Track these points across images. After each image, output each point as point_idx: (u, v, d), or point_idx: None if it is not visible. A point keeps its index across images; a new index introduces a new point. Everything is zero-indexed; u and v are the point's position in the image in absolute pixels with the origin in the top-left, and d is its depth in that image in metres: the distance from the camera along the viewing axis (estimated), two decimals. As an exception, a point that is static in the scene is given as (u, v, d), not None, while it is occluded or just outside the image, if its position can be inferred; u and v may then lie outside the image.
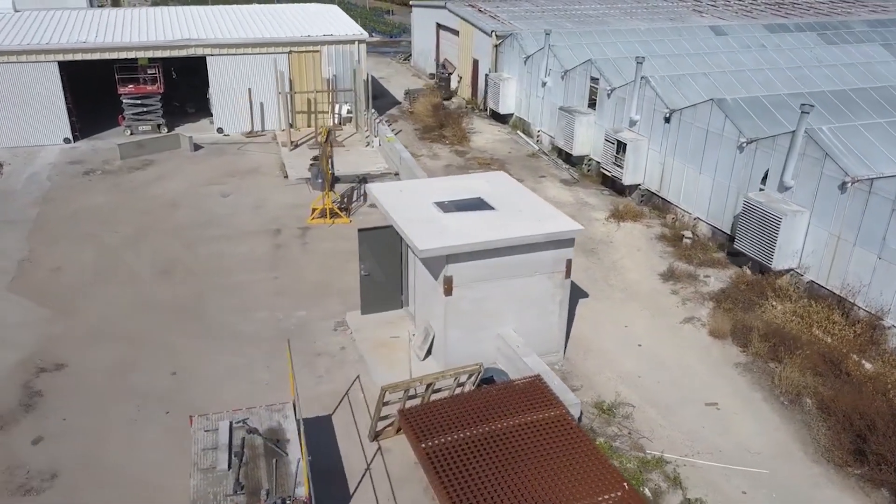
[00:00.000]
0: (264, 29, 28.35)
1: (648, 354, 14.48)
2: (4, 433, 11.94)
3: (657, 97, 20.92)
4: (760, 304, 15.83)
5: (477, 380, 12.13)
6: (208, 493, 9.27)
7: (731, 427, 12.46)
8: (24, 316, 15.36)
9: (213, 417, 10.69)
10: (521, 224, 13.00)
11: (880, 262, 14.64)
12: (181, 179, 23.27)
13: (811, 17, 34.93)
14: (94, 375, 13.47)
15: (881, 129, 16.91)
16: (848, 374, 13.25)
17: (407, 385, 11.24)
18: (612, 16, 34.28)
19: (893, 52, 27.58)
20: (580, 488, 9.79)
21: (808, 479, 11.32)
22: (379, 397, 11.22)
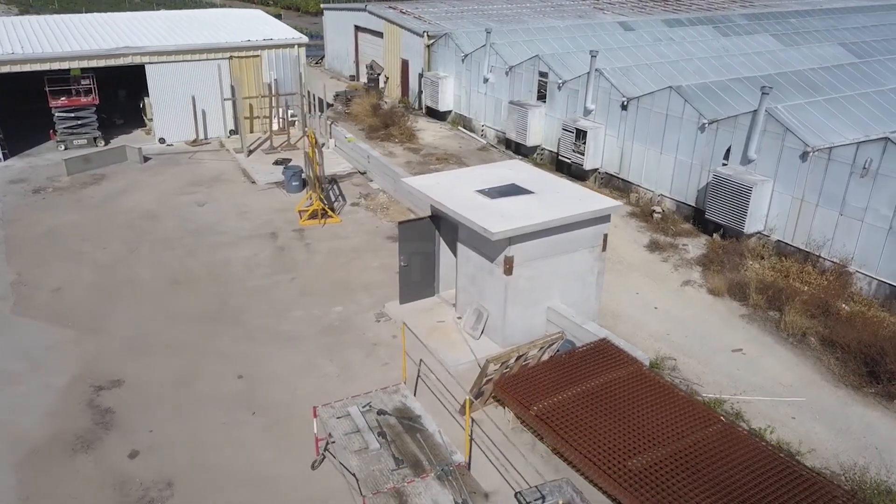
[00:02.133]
0: (203, 35, 27.72)
1: (666, 315, 16.14)
2: (95, 451, 11.63)
3: (612, 87, 22.82)
4: (742, 264, 18.00)
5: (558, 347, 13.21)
6: (372, 470, 9.78)
7: (760, 367, 14.30)
8: (49, 339, 14.69)
9: (336, 405, 11.12)
10: (566, 204, 14.19)
11: (842, 218, 17.13)
12: (146, 192, 22.52)
13: (696, 11, 38.60)
14: (158, 387, 13.26)
15: (820, 106, 19.59)
16: (837, 315, 15.55)
17: (507, 356, 12.14)
18: (527, 14, 36.24)
19: (782, 41, 31.30)
20: (685, 425, 11.13)
21: (836, 401, 13.32)
22: (482, 369, 12.03)
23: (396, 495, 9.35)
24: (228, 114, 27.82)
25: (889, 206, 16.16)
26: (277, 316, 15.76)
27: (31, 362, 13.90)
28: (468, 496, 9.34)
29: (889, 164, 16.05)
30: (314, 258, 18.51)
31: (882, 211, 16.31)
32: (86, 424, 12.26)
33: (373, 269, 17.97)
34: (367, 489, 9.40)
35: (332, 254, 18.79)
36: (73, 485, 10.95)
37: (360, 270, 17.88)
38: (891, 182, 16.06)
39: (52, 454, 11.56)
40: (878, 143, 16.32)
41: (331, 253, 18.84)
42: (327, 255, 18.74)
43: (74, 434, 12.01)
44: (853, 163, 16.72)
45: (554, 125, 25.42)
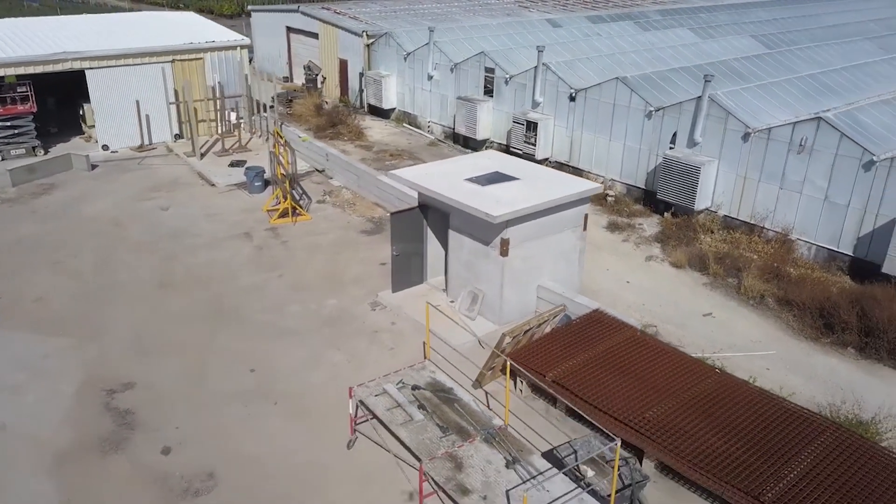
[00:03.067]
0: (144, 38, 27.15)
1: (638, 288, 17.43)
2: (125, 451, 11.70)
3: (559, 80, 24.09)
4: (696, 239, 19.58)
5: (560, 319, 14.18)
6: (421, 440, 10.42)
7: (730, 328, 15.76)
8: (43, 348, 14.43)
9: (371, 385, 11.67)
10: (551, 188, 15.20)
11: (782, 191, 18.95)
12: (104, 199, 22.04)
13: (614, 8, 40.70)
14: (172, 386, 13.36)
15: (753, 91, 21.46)
16: (788, 278, 17.27)
17: (521, 329, 13.00)
18: (458, 13, 37.24)
19: (699, 35, 33.59)
20: (686, 379, 12.33)
21: (801, 352, 14.91)
22: (498, 343, 12.84)
23: (451, 459, 10.02)
24: (174, 118, 27.40)
25: (824, 178, 18.04)
26: (275, 312, 16.03)
27: (31, 372, 13.67)
28: (517, 454, 10.13)
29: (822, 140, 17.93)
30: (295, 255, 18.78)
31: (818, 182, 18.19)
32: (108, 427, 12.26)
33: (356, 263, 18.44)
34: (423, 456, 10.03)
35: (312, 250, 19.12)
36: (114, 484, 11.03)
37: (344, 264, 18.31)
38: (825, 156, 17.94)
39: (82, 458, 11.55)
40: (811, 122, 18.18)
41: (310, 249, 19.16)
42: (307, 251, 19.05)
43: (99, 437, 12.01)
44: (790, 141, 18.54)
45: (502, 119, 26.51)
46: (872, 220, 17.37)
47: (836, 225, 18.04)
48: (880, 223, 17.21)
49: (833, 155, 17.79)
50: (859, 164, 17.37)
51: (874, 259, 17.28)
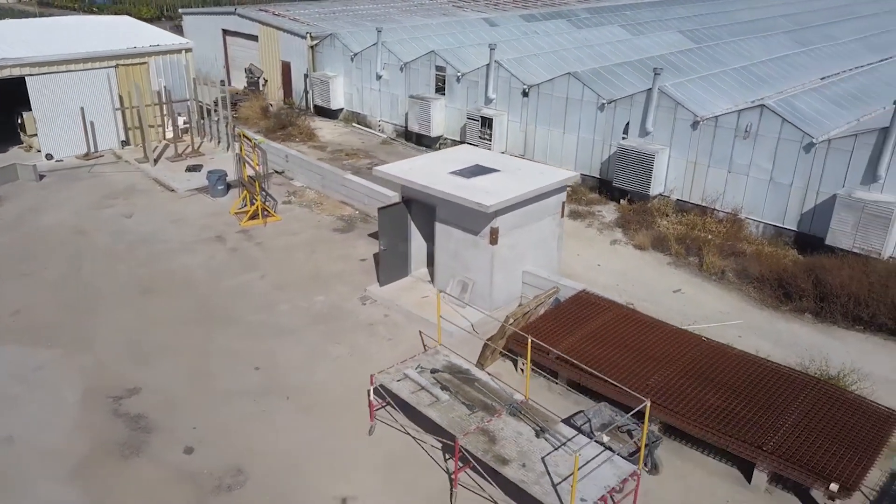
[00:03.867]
0: (85, 43, 26.31)
1: (609, 270, 18.43)
2: (147, 453, 11.71)
3: (512, 76, 24.96)
4: (654, 223, 20.81)
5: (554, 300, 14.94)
6: (451, 417, 10.95)
7: (699, 302, 16.95)
8: (34, 360, 14.11)
9: (391, 371, 12.10)
10: (532, 178, 15.96)
11: (730, 174, 20.40)
12: (60, 209, 21.40)
13: (543, 7, 42.07)
14: (178, 389, 13.37)
15: (696, 83, 22.91)
16: (743, 254, 18.67)
17: (523, 311, 13.67)
18: (396, 14, 37.68)
19: (629, 31, 35.23)
20: (679, 348, 13.30)
21: (764, 319, 16.22)
22: (501, 326, 13.48)
23: (484, 433, 10.58)
24: (120, 125, 26.72)
25: (768, 160, 19.56)
26: (266, 311, 16.15)
27: (27, 384, 13.38)
28: (544, 423, 10.79)
29: (766, 125, 19.42)
30: (273, 256, 18.86)
31: (763, 165, 19.70)
32: (123, 431, 12.21)
33: (335, 260, 18.70)
34: (457, 432, 10.56)
35: (288, 250, 19.24)
36: (143, 485, 11.05)
37: (323, 262, 18.54)
38: (768, 141, 19.46)
39: (103, 463, 11.49)
40: (755, 110, 19.67)
41: (286, 249, 19.27)
42: (284, 251, 19.16)
43: (116, 442, 11.95)
44: (736, 127, 19.98)
45: (455, 116, 27.18)
46: (814, 198, 18.97)
47: (780, 203, 19.59)
48: (821, 200, 18.82)
49: (776, 139, 19.31)
50: (800, 146, 18.94)
51: (817, 233, 18.88)
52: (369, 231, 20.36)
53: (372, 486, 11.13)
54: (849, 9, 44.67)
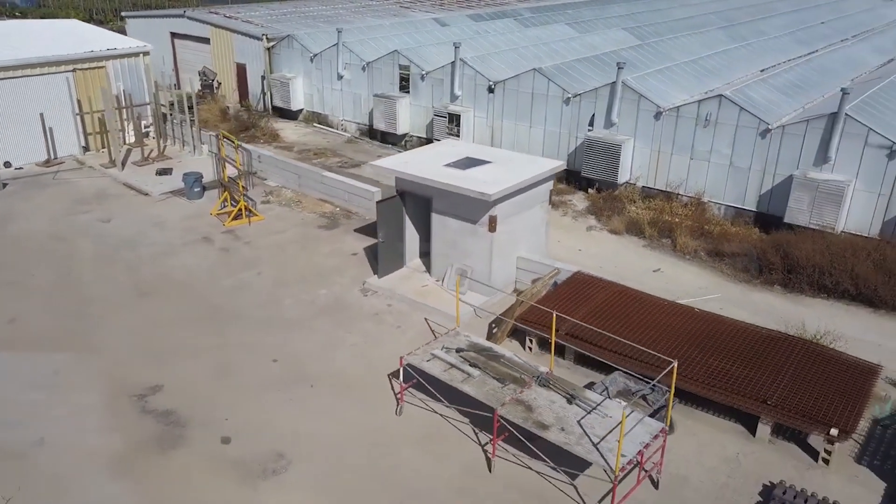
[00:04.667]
0: (41, 47, 25.62)
1: (590, 254, 19.44)
2: (185, 446, 11.91)
3: (477, 73, 25.77)
4: (624, 209, 21.99)
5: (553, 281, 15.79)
6: (486, 391, 11.63)
7: (678, 279, 18.14)
8: (46, 366, 14.00)
9: (419, 353, 12.68)
10: (523, 168, 16.77)
11: (692, 161, 21.77)
12: (32, 216, 20.93)
13: (486, 7, 43.08)
14: (201, 384, 13.55)
15: (653, 76, 24.26)
16: (711, 234, 20.02)
17: (530, 292, 14.44)
18: (347, 15, 37.96)
19: (576, 29, 36.61)
20: (678, 319, 14.34)
21: (740, 293, 17.52)
22: (512, 306, 14.22)
23: (519, 403, 11.28)
24: (80, 130, 26.16)
25: (728, 146, 20.99)
26: (271, 306, 16.41)
27: (47, 389, 13.30)
28: (573, 390, 11.59)
29: (724, 114, 20.85)
30: (264, 254, 19.06)
31: (723, 151, 21.13)
32: (156, 428, 12.35)
33: (326, 255, 19.05)
34: (495, 404, 11.23)
35: (278, 248, 19.46)
36: (189, 474, 11.28)
37: (316, 258, 18.87)
38: (727, 129, 20.89)
39: (143, 458, 11.63)
40: (714, 100, 21.09)
41: (276, 247, 19.49)
42: (274, 249, 19.37)
43: (152, 437, 12.10)
44: (697, 116, 21.36)
45: (420, 113, 27.80)
46: (771, 180, 20.50)
47: (740, 186, 21.06)
48: (777, 181, 20.36)
49: (734, 126, 20.76)
50: (756, 132, 20.44)
51: (775, 212, 20.42)
52: (354, 227, 20.80)
53: (411, 460, 11.68)
54: (770, 6, 47.48)
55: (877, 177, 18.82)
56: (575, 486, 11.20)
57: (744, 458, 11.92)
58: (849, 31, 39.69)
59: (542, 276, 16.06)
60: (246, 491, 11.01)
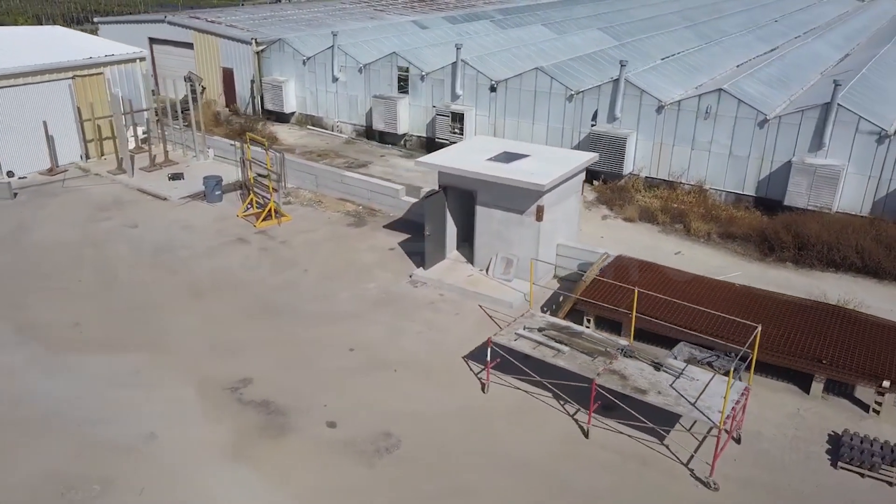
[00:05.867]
0: (40, 54, 25.17)
1: (612, 240, 20.54)
2: (293, 433, 12.40)
3: (478, 73, 26.69)
4: (632, 198, 23.28)
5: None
6: (578, 364, 12.54)
7: (697, 260, 19.44)
8: (126, 365, 14.22)
9: (504, 333, 13.51)
10: (560, 160, 17.77)
11: (694, 152, 23.24)
12: (53, 225, 20.76)
13: (455, 10, 44.03)
14: (286, 375, 14.01)
15: (650, 73, 25.66)
16: (719, 219, 21.48)
17: (590, 275, 15.44)
18: (325, 18, 38.33)
19: (553, 30, 37.95)
20: (720, 293, 15.57)
21: (757, 270, 18.96)
22: (576, 288, 15.17)
23: (613, 373, 12.25)
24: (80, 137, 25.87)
25: (727, 137, 22.52)
26: (326, 301, 16.91)
27: (134, 387, 13.53)
28: (655, 359, 12.62)
29: (724, 107, 22.37)
30: (302, 252, 19.48)
31: (723, 141, 22.65)
32: (259, 417, 12.79)
33: (363, 251, 19.61)
34: (591, 375, 12.16)
35: (314, 246, 19.91)
36: (305, 457, 11.79)
37: (354, 254, 19.41)
38: (726, 120, 22.41)
39: (257, 444, 12.07)
40: (714, 94, 22.59)
41: (312, 245, 19.94)
42: (311, 247, 19.81)
43: (258, 426, 12.54)
44: (697, 109, 22.83)
45: (419, 113, 28.54)
46: (769, 166, 22.12)
47: (739, 173, 22.62)
48: (775, 167, 21.98)
49: (733, 118, 22.30)
50: (755, 123, 22.02)
51: (773, 196, 22.04)
52: (382, 223, 21.40)
53: (509, 432, 12.50)
54: (721, 5, 49.99)
55: (867, 160, 20.60)
56: (666, 445, 12.23)
57: (804, 413, 13.20)
58: (799, 29, 42.31)
59: (595, 261, 17.05)
60: (364, 469, 11.62)
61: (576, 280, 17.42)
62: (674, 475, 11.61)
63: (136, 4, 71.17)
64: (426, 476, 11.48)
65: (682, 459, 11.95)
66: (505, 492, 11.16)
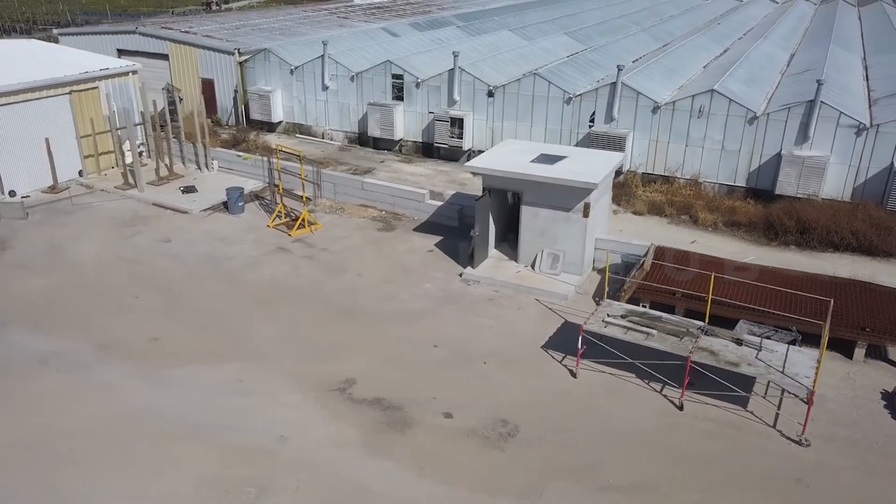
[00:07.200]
0: (35, 70, 24.49)
1: (630, 232, 21.96)
2: (417, 425, 13.13)
3: (475, 79, 27.76)
4: (635, 193, 24.90)
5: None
6: (669, 344, 13.82)
7: (711, 246, 21.13)
8: (229, 375, 14.52)
9: (591, 322, 14.63)
10: (597, 159, 19.08)
11: (688, 148, 25.09)
12: (83, 242, 20.48)
13: (413, 16, 44.85)
14: (385, 373, 14.68)
15: (639, 75, 27.40)
16: (720, 209, 23.35)
17: (642, 268, 16.78)
18: (294, 26, 38.43)
19: (520, 35, 39.36)
20: (757, 273, 17.22)
21: (766, 253, 20.84)
22: (632, 277, 16.48)
23: (702, 350, 13.58)
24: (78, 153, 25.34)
25: (720, 133, 24.46)
26: (391, 302, 17.58)
27: (244, 395, 13.89)
28: (735, 336, 14.05)
29: (716, 106, 24.28)
30: (346, 257, 20.00)
31: (715, 137, 24.58)
32: (375, 414, 13.43)
33: (405, 254, 20.34)
34: (684, 353, 13.46)
35: (355, 251, 20.46)
36: (433, 447, 12.56)
37: (397, 257, 20.10)
38: (718, 118, 24.35)
39: (384, 439, 12.74)
40: (707, 94, 24.48)
41: (352, 251, 20.48)
42: (352, 253, 20.34)
43: (379, 422, 13.19)
44: (691, 109, 24.69)
45: (415, 119, 29.34)
46: (758, 159, 24.18)
47: (731, 166, 24.62)
48: (764, 160, 24.06)
49: (725, 116, 24.26)
50: (745, 120, 24.04)
51: (762, 186, 24.13)
52: (411, 227, 22.15)
53: (611, 410, 13.66)
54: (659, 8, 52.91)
55: (847, 151, 22.91)
56: (751, 411, 13.68)
57: (854, 376, 14.96)
58: (739, 30, 45.39)
59: (646, 252, 18.40)
60: (497, 452, 12.52)
61: (617, 272, 18.78)
62: (767, 436, 13.06)
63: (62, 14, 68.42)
64: (555, 454, 12.48)
65: (769, 422, 13.42)
66: (631, 462, 12.31)
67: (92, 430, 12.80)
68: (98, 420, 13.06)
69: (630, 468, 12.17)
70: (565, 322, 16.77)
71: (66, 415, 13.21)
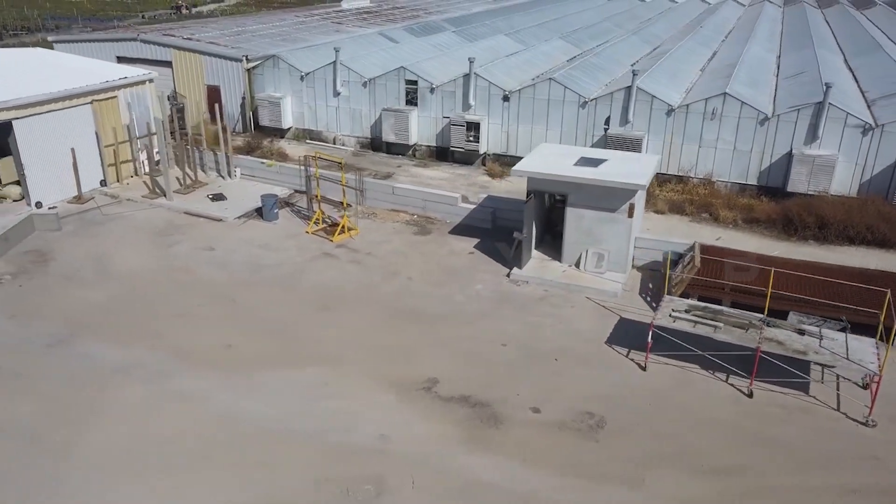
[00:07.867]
0: (59, 80, 24.19)
1: (658, 230, 22.91)
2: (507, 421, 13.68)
3: (490, 84, 28.39)
4: (653, 192, 25.83)
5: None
6: (736, 336, 14.63)
7: (736, 242, 22.07)
8: (314, 379, 14.85)
9: (659, 317, 15.37)
10: (636, 162, 19.88)
11: (701, 149, 26.14)
12: (124, 253, 20.46)
13: (405, 21, 45.29)
14: (464, 371, 15.18)
15: (648, 78, 28.36)
16: (738, 207, 24.43)
17: (693, 264, 17.61)
18: (292, 31, 38.52)
19: (515, 40, 40.14)
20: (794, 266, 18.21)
21: (789, 246, 21.91)
22: (686, 274, 17.30)
23: (769, 340, 14.43)
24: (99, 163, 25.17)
25: (732, 134, 25.55)
26: (447, 304, 18.07)
27: (334, 398, 14.23)
28: (796, 326, 14.94)
29: (728, 108, 25.38)
30: (392, 261, 20.40)
31: (727, 138, 25.68)
32: (465, 411, 13.94)
33: (448, 257, 20.83)
34: (752, 344, 14.28)
35: (399, 255, 20.86)
36: (529, 441, 13.12)
37: (442, 260, 20.59)
38: (730, 120, 25.45)
39: (481, 435, 13.26)
40: (719, 97, 25.56)
41: (397, 254, 20.87)
42: (396, 256, 20.73)
43: (471, 419, 13.69)
44: (704, 111, 25.74)
45: (429, 124, 29.83)
46: (769, 158, 25.35)
47: (743, 165, 25.74)
48: (775, 159, 25.23)
49: (737, 118, 25.37)
50: (756, 121, 25.18)
51: (773, 184, 25.31)
52: (447, 230, 22.64)
53: (686, 400, 14.41)
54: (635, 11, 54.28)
55: (854, 150, 24.21)
56: (813, 396, 14.58)
57: (898, 359, 16.03)
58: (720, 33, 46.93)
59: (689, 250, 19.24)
60: (591, 443, 13.15)
61: (656, 269, 19.63)
62: (834, 419, 13.98)
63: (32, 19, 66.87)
64: (646, 442, 13.17)
65: (832, 406, 14.34)
66: (719, 448, 13.06)
67: (187, 435, 13.02)
68: (191, 426, 13.27)
69: (720, 453, 12.93)
70: (621, 318, 17.51)
71: (157, 422, 13.39)
